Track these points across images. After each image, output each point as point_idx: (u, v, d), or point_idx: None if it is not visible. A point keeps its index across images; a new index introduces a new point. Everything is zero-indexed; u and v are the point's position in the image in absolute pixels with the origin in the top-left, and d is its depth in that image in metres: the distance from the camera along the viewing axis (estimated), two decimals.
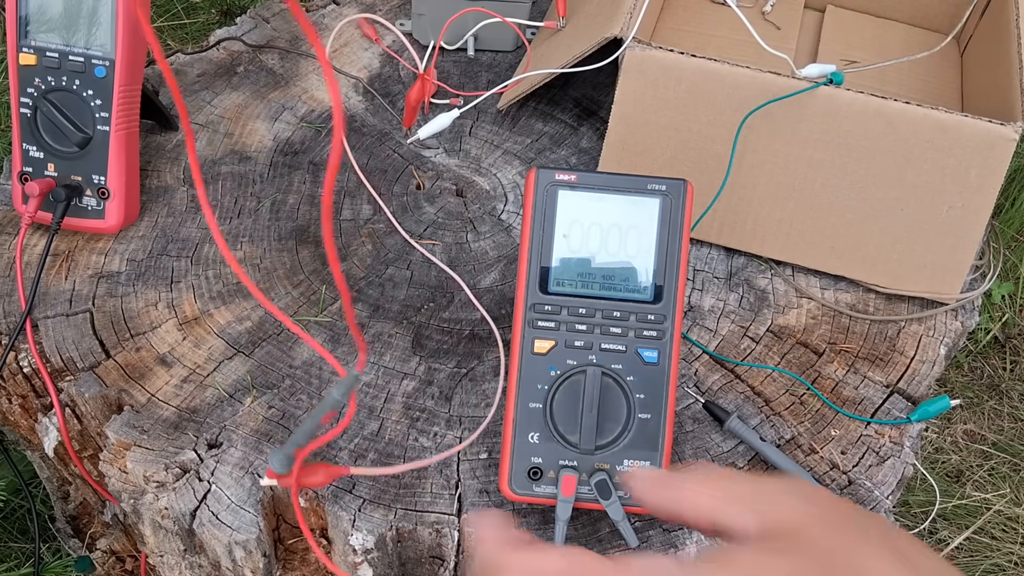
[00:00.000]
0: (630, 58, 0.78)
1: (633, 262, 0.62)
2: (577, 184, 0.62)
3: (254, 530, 0.65)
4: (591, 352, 0.62)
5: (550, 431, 0.61)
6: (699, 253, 0.84)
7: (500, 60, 1.04)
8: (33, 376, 0.75)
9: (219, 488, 0.66)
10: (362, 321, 0.77)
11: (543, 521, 0.65)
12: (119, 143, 0.78)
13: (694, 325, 0.79)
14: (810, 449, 0.71)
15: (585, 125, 0.96)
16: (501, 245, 0.84)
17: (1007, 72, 0.83)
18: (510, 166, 0.91)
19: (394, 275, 0.81)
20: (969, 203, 0.77)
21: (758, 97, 0.76)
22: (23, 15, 0.77)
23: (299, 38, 1.04)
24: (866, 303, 0.81)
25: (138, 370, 0.73)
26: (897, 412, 0.74)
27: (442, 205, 0.87)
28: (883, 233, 0.79)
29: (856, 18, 1.07)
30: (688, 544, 0.65)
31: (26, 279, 0.77)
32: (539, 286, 0.62)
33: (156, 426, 0.69)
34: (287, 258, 0.82)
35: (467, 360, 0.75)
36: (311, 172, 0.89)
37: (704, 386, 0.75)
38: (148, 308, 0.77)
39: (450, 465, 0.68)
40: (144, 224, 0.84)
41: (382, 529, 0.64)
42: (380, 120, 0.95)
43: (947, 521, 1.38)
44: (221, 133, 0.93)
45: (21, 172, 0.80)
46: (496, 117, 0.96)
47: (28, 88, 0.78)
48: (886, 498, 0.68)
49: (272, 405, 0.71)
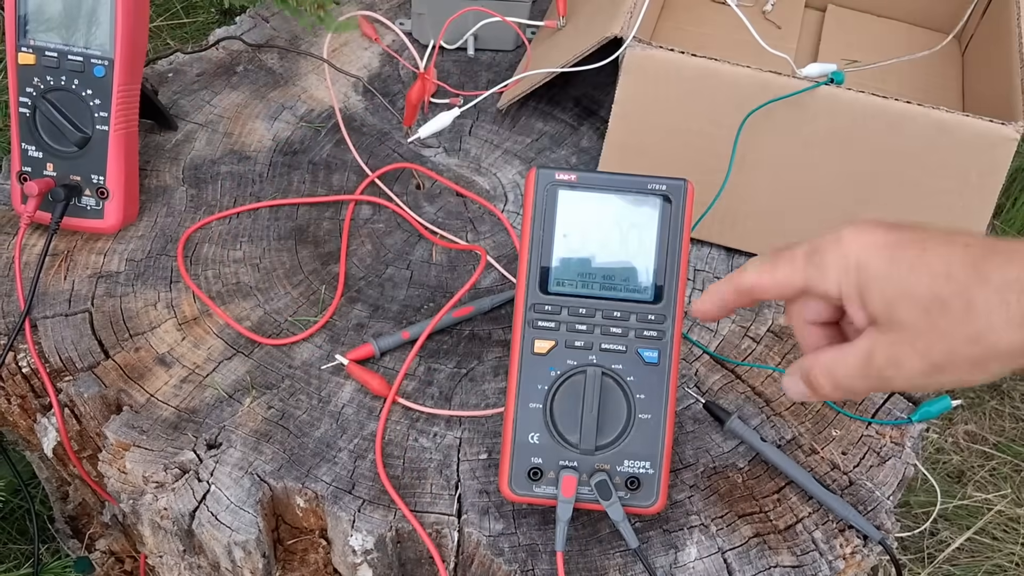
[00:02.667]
0: (630, 58, 0.78)
1: (633, 262, 0.62)
2: (577, 184, 0.61)
3: (253, 530, 0.64)
4: (591, 352, 0.61)
5: (550, 431, 0.61)
6: (699, 253, 0.84)
7: (500, 59, 1.03)
8: (32, 376, 0.75)
9: (218, 488, 0.65)
10: (361, 321, 0.77)
11: (543, 521, 0.65)
12: (118, 143, 0.78)
13: (694, 325, 0.78)
14: (811, 449, 0.71)
15: (585, 125, 0.96)
16: (501, 245, 0.84)
17: (1008, 71, 0.82)
18: (510, 166, 0.91)
19: (394, 275, 0.81)
20: (970, 203, 0.77)
21: (759, 97, 0.76)
22: (22, 14, 0.77)
23: (299, 37, 1.04)
24: None
25: (137, 370, 0.73)
26: (898, 412, 0.74)
27: (442, 205, 0.87)
28: None
29: (857, 17, 1.07)
30: (688, 544, 0.64)
31: (25, 279, 0.77)
32: (539, 286, 0.62)
33: (155, 426, 0.69)
34: (287, 258, 0.82)
35: (467, 360, 0.75)
36: (310, 172, 0.89)
37: (705, 386, 0.74)
38: (147, 308, 0.77)
39: (450, 465, 0.68)
40: (143, 224, 0.84)
41: (382, 530, 0.64)
42: (380, 119, 0.95)
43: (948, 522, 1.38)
44: (220, 133, 0.93)
45: (20, 172, 0.80)
46: (496, 117, 0.96)
47: (27, 88, 0.78)
48: (887, 499, 0.68)
49: (272, 405, 0.71)
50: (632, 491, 0.61)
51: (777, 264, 0.48)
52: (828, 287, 0.46)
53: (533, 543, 0.64)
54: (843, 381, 0.47)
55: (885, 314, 0.44)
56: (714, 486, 0.68)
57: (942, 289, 0.42)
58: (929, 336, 0.42)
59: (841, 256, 0.45)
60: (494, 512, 0.65)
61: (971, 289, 0.41)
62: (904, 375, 0.44)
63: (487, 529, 0.64)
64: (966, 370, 0.42)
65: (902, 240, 0.44)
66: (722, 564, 0.64)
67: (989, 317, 0.41)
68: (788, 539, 0.65)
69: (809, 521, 0.66)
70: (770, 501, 0.67)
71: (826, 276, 0.46)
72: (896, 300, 0.43)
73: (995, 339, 0.41)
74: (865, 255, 0.44)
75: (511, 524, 0.65)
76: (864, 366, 0.45)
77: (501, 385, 0.73)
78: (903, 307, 0.43)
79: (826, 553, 0.65)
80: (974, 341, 0.41)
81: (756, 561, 0.64)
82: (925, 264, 0.42)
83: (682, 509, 0.66)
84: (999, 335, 0.41)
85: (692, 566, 0.64)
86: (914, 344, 0.43)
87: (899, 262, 0.43)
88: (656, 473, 0.61)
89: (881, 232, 0.45)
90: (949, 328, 0.42)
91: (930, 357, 0.42)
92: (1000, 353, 0.41)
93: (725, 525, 0.66)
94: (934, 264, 0.42)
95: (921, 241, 0.43)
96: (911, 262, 0.43)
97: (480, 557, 0.64)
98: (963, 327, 0.41)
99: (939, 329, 0.42)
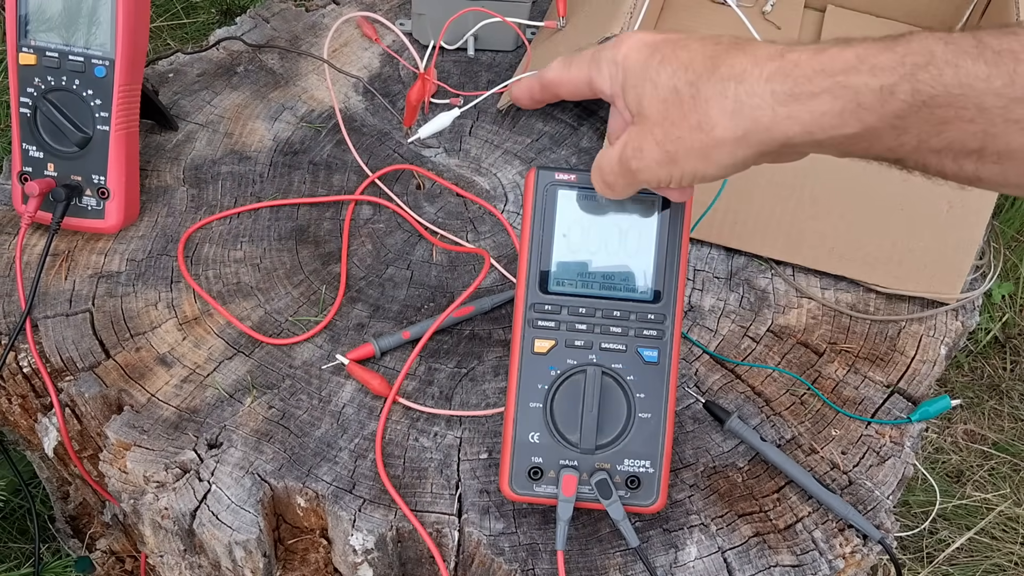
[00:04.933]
0: None
1: (633, 262, 0.62)
2: (577, 184, 0.62)
3: (254, 530, 0.64)
4: (591, 352, 0.61)
5: (550, 431, 0.61)
6: (699, 253, 0.84)
7: (500, 60, 1.03)
8: (33, 376, 0.75)
9: (219, 488, 0.66)
10: (362, 321, 0.77)
11: (543, 521, 0.65)
12: (119, 143, 0.78)
13: (694, 325, 0.78)
14: (810, 449, 0.71)
15: (585, 125, 0.96)
16: (501, 245, 0.84)
17: None
18: (510, 166, 0.91)
19: (394, 275, 0.81)
20: (969, 203, 0.77)
21: None
22: (23, 15, 0.77)
23: (299, 37, 1.04)
24: (866, 303, 0.81)
25: (138, 370, 0.73)
26: (897, 412, 0.74)
27: (442, 205, 0.87)
28: (883, 233, 0.79)
29: (857, 18, 1.07)
30: (688, 544, 0.65)
31: (26, 279, 0.77)
32: (539, 286, 0.62)
33: (156, 426, 0.69)
34: (287, 258, 0.82)
35: (467, 360, 0.75)
36: (311, 172, 0.89)
37: (704, 386, 0.75)
38: (148, 308, 0.77)
39: (450, 465, 0.68)
40: (144, 224, 0.84)
41: (382, 529, 0.64)
42: (380, 120, 0.95)
43: (947, 521, 1.38)
44: (221, 133, 0.93)
45: (21, 172, 0.80)
46: (496, 117, 0.96)
47: (28, 88, 0.78)
48: (887, 498, 0.68)
49: (272, 405, 0.71)
50: (632, 490, 0.61)
51: (571, 63, 0.52)
52: (602, 84, 0.49)
53: (534, 542, 0.64)
54: (606, 176, 0.50)
55: (636, 107, 0.47)
56: (714, 485, 0.68)
57: (678, 80, 0.45)
58: (663, 125, 0.45)
59: (613, 56, 0.48)
60: (494, 511, 0.65)
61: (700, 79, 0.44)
62: (645, 165, 0.47)
63: (488, 528, 0.64)
64: (695, 159, 0.45)
65: (667, 40, 0.47)
66: (722, 563, 0.64)
67: (708, 105, 0.43)
68: (788, 538, 0.65)
69: (809, 520, 0.66)
70: (770, 500, 0.67)
71: (602, 74, 0.49)
72: (643, 92, 0.46)
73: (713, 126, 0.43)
74: (631, 54, 0.47)
75: (511, 523, 0.65)
76: (617, 159, 0.48)
77: (501, 385, 0.73)
78: (647, 98, 0.46)
79: (826, 552, 0.65)
80: (698, 128, 0.44)
81: (756, 560, 0.64)
82: (674, 58, 0.45)
83: (682, 508, 0.67)
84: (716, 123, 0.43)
85: (692, 565, 0.64)
86: (653, 132, 0.46)
87: (653, 57, 0.46)
88: (656, 472, 0.61)
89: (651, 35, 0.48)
90: (678, 117, 0.45)
91: (664, 145, 0.46)
92: (719, 141, 0.44)
93: (725, 524, 0.66)
94: (681, 57, 0.45)
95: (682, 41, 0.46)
96: (663, 56, 0.46)
97: (481, 556, 0.64)
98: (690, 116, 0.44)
99: (671, 118, 0.45)
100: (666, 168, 0.47)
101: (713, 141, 0.44)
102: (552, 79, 0.53)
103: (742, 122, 0.43)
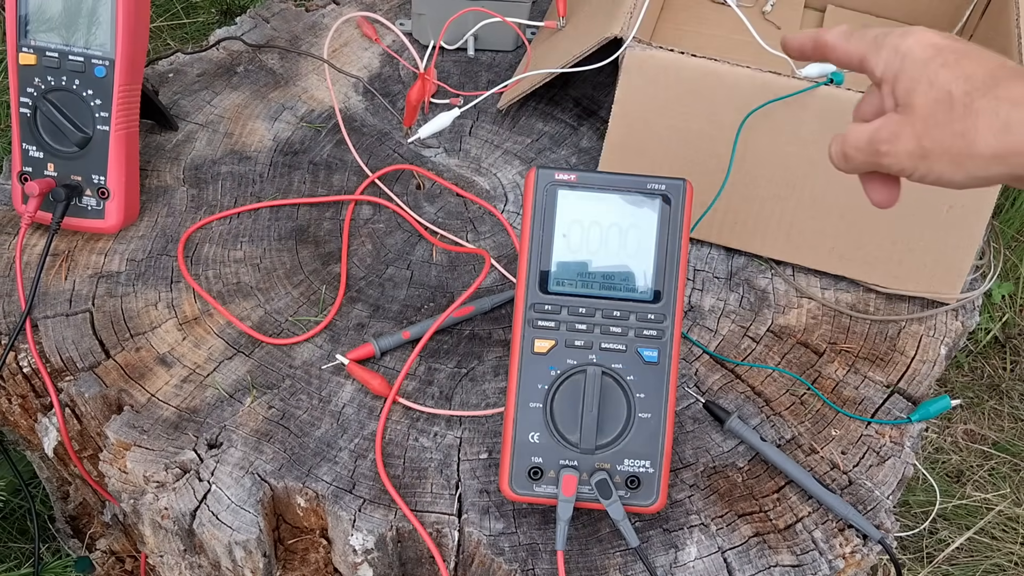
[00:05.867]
0: (630, 58, 0.78)
1: (633, 262, 0.62)
2: (577, 184, 0.62)
3: (254, 530, 0.64)
4: (591, 351, 0.61)
5: (550, 431, 0.61)
6: (699, 253, 0.84)
7: (500, 60, 1.03)
8: (33, 376, 0.75)
9: (219, 488, 0.66)
10: (362, 321, 0.77)
11: (543, 521, 0.65)
12: (119, 143, 0.78)
13: (694, 325, 0.78)
14: (810, 449, 0.71)
15: (585, 125, 0.96)
16: (501, 245, 0.84)
17: None
18: (510, 166, 0.91)
19: (394, 275, 0.81)
20: (969, 203, 0.77)
21: (758, 97, 0.76)
22: (23, 15, 0.77)
23: (299, 37, 1.04)
24: (866, 303, 0.81)
25: (138, 370, 0.73)
26: (897, 412, 0.74)
27: (442, 205, 0.87)
28: (883, 233, 0.79)
29: (857, 17, 1.07)
30: (688, 544, 0.65)
31: (26, 279, 0.77)
32: (539, 286, 0.62)
33: (156, 426, 0.69)
34: (287, 258, 0.82)
35: (467, 360, 0.75)
36: (311, 172, 0.89)
37: (704, 386, 0.75)
38: (148, 308, 0.77)
39: (450, 465, 0.68)
40: (144, 224, 0.84)
41: (382, 529, 0.64)
42: (380, 120, 0.95)
43: (947, 521, 1.38)
44: (221, 133, 0.93)
45: (21, 172, 0.80)
46: (496, 117, 0.96)
47: (28, 88, 0.78)
48: (886, 498, 0.68)
49: (272, 405, 0.71)
50: (632, 490, 0.61)
51: (852, 36, 0.54)
52: (875, 67, 0.51)
53: (533, 542, 0.64)
54: (849, 148, 0.52)
55: (905, 97, 0.49)
56: (714, 485, 0.68)
57: (955, 87, 0.46)
58: (927, 122, 0.47)
59: (898, 44, 0.50)
60: (494, 511, 0.65)
61: (977, 92, 0.45)
62: (895, 151, 0.49)
63: (487, 528, 0.64)
64: (947, 163, 0.47)
65: (954, 47, 0.48)
66: (722, 563, 0.64)
67: (977, 119, 0.45)
68: (788, 538, 0.65)
69: (809, 520, 0.66)
70: (770, 500, 0.67)
71: (880, 56, 0.51)
72: (917, 87, 0.48)
73: (976, 138, 0.45)
74: (916, 48, 0.49)
75: (511, 523, 0.65)
76: (869, 138, 0.50)
77: (501, 385, 0.73)
78: (919, 94, 0.48)
79: (826, 552, 0.65)
80: (960, 136, 0.46)
81: (756, 560, 0.64)
82: (957, 65, 0.47)
83: (682, 508, 0.67)
84: (980, 136, 0.45)
85: (692, 565, 0.64)
86: (914, 125, 0.48)
87: (936, 59, 0.48)
88: (656, 472, 0.61)
89: (941, 36, 0.49)
90: (944, 120, 0.47)
91: (922, 140, 0.47)
92: (976, 154, 0.46)
93: (725, 524, 0.66)
94: (964, 67, 0.47)
95: (970, 52, 0.48)
96: (946, 61, 0.48)
97: (480, 556, 0.64)
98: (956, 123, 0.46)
99: (936, 118, 0.47)
100: (914, 161, 0.48)
101: (970, 151, 0.46)
102: (829, 43, 0.55)
103: (1006, 142, 0.45)
